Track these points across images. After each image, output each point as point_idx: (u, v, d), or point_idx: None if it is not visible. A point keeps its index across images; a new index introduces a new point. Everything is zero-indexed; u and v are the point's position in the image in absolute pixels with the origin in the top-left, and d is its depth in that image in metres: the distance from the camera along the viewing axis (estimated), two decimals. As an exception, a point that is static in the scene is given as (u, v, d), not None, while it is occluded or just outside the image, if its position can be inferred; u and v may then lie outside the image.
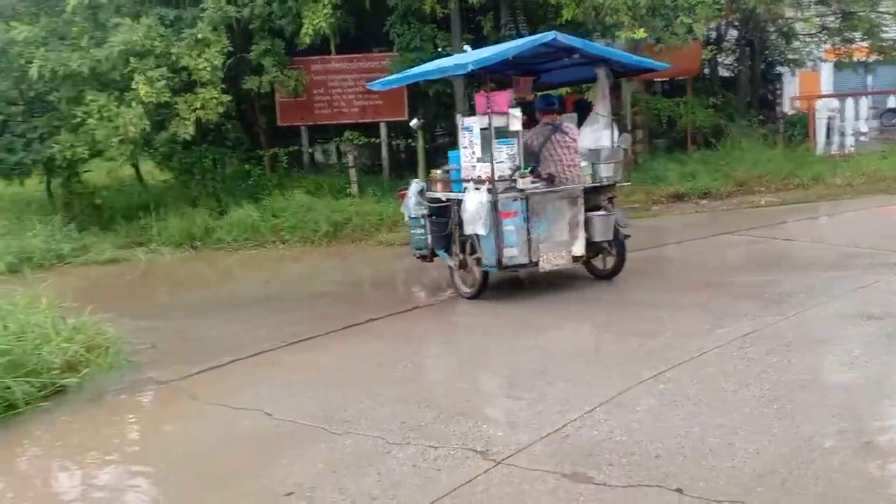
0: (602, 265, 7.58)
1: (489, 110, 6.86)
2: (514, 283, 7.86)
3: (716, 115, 16.17)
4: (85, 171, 13.30)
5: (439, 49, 13.94)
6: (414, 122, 9.25)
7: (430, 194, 7.72)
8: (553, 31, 7.38)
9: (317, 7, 12.08)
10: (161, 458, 4.22)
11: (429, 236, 7.75)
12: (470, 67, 6.97)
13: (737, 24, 17.19)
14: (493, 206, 6.82)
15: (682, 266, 8.38)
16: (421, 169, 8.57)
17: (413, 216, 7.86)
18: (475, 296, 7.26)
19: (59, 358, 5.47)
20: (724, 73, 19.04)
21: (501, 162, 6.90)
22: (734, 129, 15.56)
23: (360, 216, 11.84)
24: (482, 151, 6.99)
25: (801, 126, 16.65)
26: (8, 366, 5.07)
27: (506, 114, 6.91)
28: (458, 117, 7.54)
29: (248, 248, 11.54)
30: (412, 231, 8.03)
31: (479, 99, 7.12)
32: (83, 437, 4.67)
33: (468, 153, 7.22)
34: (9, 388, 4.94)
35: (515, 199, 6.89)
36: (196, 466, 4.06)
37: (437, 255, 7.86)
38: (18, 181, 13.91)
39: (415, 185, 7.94)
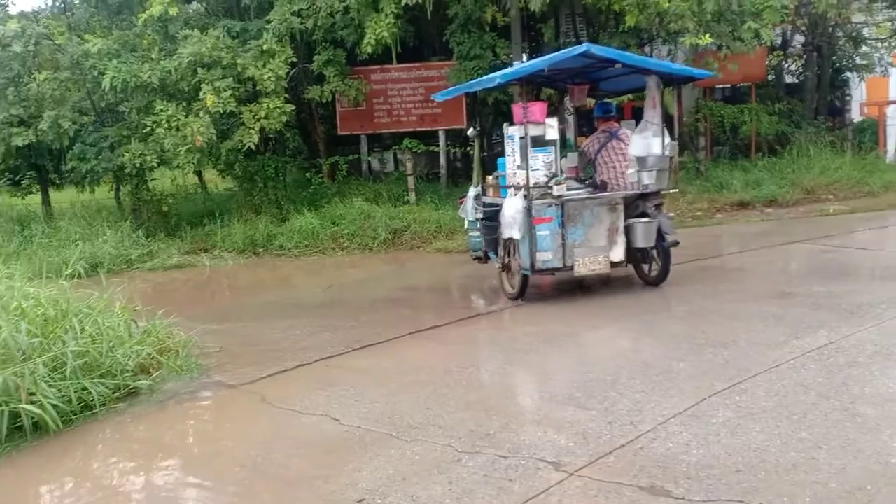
0: (648, 271, 7.64)
1: (525, 120, 7.04)
2: (581, 289, 7.83)
3: (781, 121, 15.76)
4: (152, 179, 13.70)
5: (499, 58, 13.97)
6: (470, 132, 9.56)
7: (484, 199, 8.12)
8: (586, 44, 7.80)
9: (379, 17, 12.23)
10: (231, 462, 4.25)
11: (482, 239, 8.08)
12: (497, 81, 7.50)
13: (804, 29, 16.72)
14: (528, 211, 7.05)
15: (752, 275, 8.14)
16: (477, 176, 8.85)
17: (471, 219, 8.31)
18: (517, 297, 7.46)
19: (132, 360, 5.62)
20: (788, 79, 18.55)
21: (537, 169, 7.14)
22: (801, 136, 15.12)
23: (419, 223, 11.90)
24: (521, 159, 7.19)
25: (871, 133, 16.09)
26: (84, 367, 5.22)
27: (542, 123, 7.09)
28: (505, 126, 7.78)
29: (308, 254, 11.72)
30: (470, 234, 8.50)
31: (516, 109, 7.34)
32: (154, 440, 4.76)
33: (511, 160, 7.48)
34: (85, 389, 5.08)
35: (550, 205, 7.10)
36: (266, 470, 4.09)
37: (490, 258, 8.16)
38: (90, 189, 14.46)
39: (472, 191, 8.43)
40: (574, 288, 7.93)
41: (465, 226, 8.78)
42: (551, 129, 7.13)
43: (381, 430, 4.40)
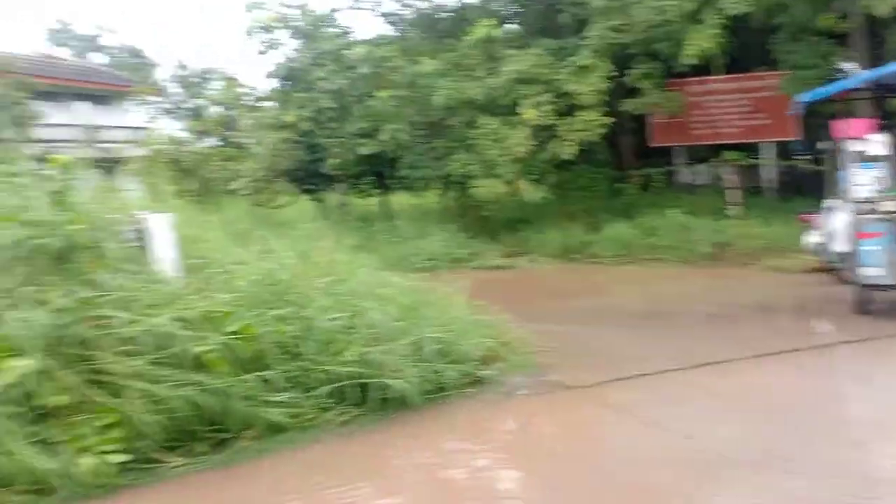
0: None
1: (846, 136, 7.24)
2: None
3: None
4: (473, 187, 14.61)
5: (833, 66, 12.65)
6: (821, 144, 9.15)
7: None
8: None
9: (699, 28, 11.78)
10: (583, 466, 4.18)
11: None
12: (805, 100, 8.59)
13: None
14: (853, 226, 7.11)
15: None
16: (827, 189, 8.43)
17: (825, 232, 8.22)
18: (856, 310, 7.24)
19: (478, 351, 5.87)
20: None
21: (864, 185, 7.17)
22: None
23: (744, 239, 11.14)
24: (849, 174, 7.33)
25: None
26: (439, 353, 5.56)
27: (863, 139, 7.18)
28: (842, 141, 7.58)
29: (622, 263, 11.60)
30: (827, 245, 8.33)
31: (836, 125, 7.50)
32: (503, 430, 4.90)
33: (844, 175, 7.54)
34: (437, 372, 5.37)
35: (879, 221, 6.96)
36: (624, 481, 3.93)
37: None
38: (419, 193, 15.88)
39: (827, 204, 8.31)
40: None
41: (806, 239, 8.54)
42: (876, 145, 7.13)
43: (745, 456, 4.02)
